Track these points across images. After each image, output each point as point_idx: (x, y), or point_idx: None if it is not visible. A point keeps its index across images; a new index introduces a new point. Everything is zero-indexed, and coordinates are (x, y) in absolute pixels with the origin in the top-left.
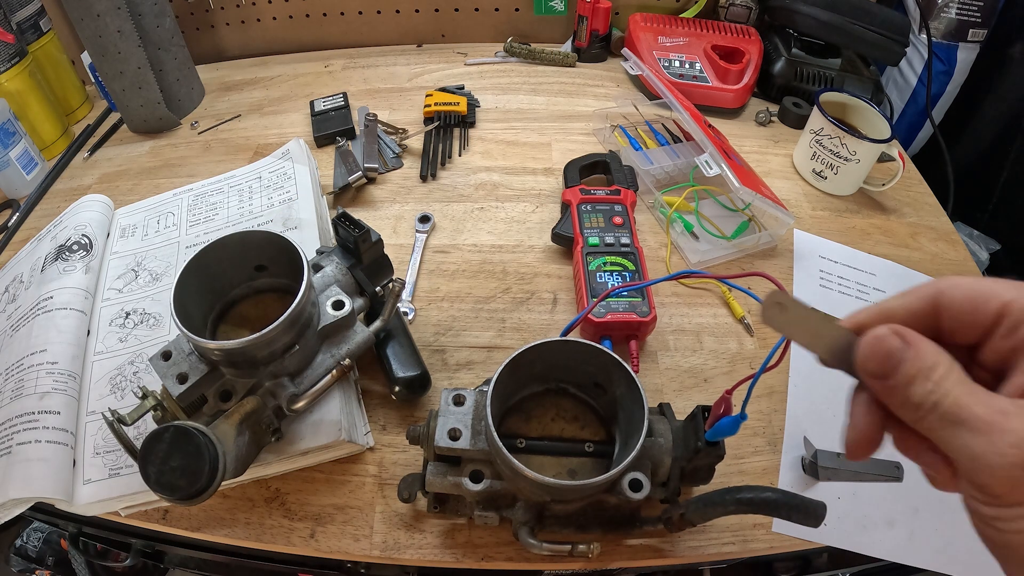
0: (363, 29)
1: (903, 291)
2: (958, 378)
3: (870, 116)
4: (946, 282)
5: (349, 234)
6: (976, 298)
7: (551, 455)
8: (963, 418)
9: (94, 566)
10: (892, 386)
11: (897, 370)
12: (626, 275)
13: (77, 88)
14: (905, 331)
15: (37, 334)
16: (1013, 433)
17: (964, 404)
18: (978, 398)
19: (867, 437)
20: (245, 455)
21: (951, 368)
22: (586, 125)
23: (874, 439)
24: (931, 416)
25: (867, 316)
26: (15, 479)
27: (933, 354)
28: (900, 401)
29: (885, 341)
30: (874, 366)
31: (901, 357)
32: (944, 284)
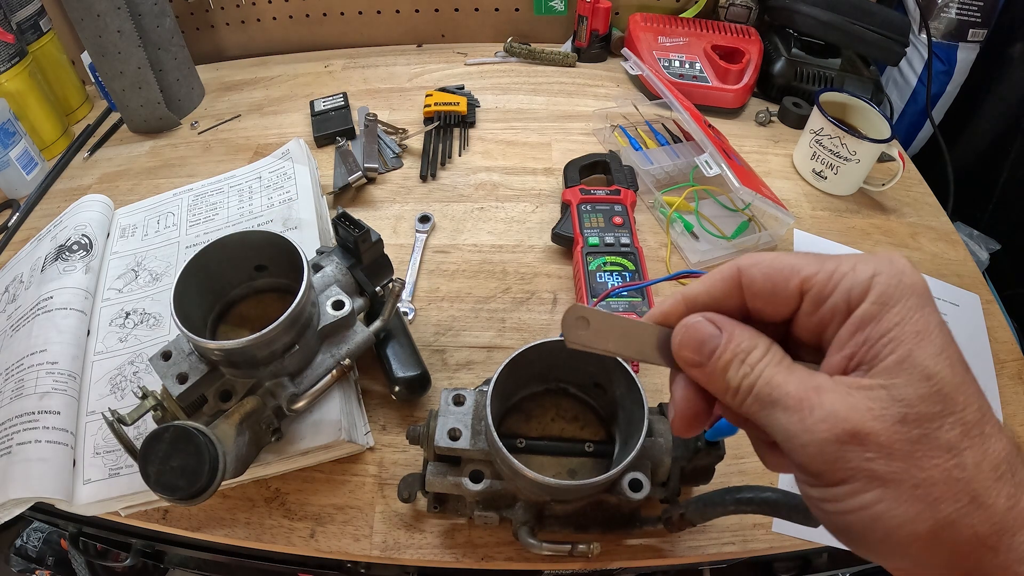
0: (363, 29)
1: (703, 276)
2: (775, 359)
3: (870, 116)
4: (746, 261)
5: (349, 234)
6: (775, 276)
7: (551, 455)
8: (776, 398)
9: (94, 566)
10: (709, 372)
11: (712, 356)
12: (626, 275)
13: (77, 88)
14: (717, 317)
15: (37, 334)
16: (822, 408)
17: (777, 383)
18: (794, 376)
19: (691, 416)
20: (245, 455)
21: (767, 350)
22: (586, 125)
23: (699, 416)
24: (748, 399)
25: (671, 306)
26: (15, 479)
27: (748, 338)
28: (719, 387)
29: (698, 328)
30: (689, 354)
31: (715, 343)
32: (744, 263)
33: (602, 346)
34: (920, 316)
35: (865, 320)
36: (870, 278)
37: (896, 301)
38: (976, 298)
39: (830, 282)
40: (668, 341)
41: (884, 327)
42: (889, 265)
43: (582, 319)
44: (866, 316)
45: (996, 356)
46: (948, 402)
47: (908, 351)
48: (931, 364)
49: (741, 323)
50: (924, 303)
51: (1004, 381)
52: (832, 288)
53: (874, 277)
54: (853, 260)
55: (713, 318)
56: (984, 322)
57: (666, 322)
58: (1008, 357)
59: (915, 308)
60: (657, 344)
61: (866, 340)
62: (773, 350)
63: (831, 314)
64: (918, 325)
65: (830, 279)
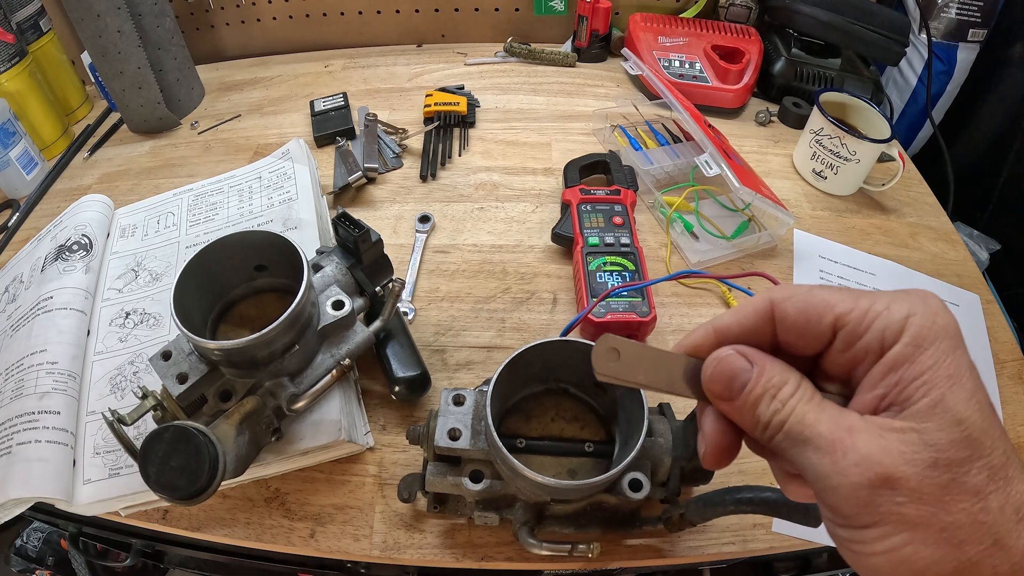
0: (363, 29)
1: (735, 307)
2: (806, 396)
3: (870, 116)
4: (779, 294)
5: (349, 234)
6: (809, 312)
7: (551, 455)
8: (808, 437)
9: (94, 566)
10: (739, 406)
11: (743, 390)
12: (626, 275)
13: (77, 88)
14: (749, 351)
15: (37, 334)
16: (856, 451)
17: (809, 423)
18: (825, 415)
19: (721, 450)
20: (245, 455)
21: (799, 386)
22: (586, 125)
23: (729, 449)
24: (778, 435)
25: (701, 337)
26: (15, 479)
27: (780, 373)
28: (749, 421)
29: (729, 362)
30: (719, 388)
31: (746, 377)
32: (777, 296)
33: (632, 378)
34: (952, 360)
35: (899, 362)
36: (904, 319)
37: (930, 344)
38: (976, 298)
39: (864, 320)
40: (698, 373)
41: (917, 370)
42: (923, 306)
43: (613, 350)
44: (900, 358)
45: (996, 356)
46: (976, 447)
47: (941, 395)
48: (962, 409)
49: (772, 357)
50: (956, 345)
51: (1004, 381)
52: (866, 327)
53: (908, 318)
54: (888, 299)
55: (744, 351)
56: (984, 322)
57: (697, 353)
58: (1008, 357)
59: (948, 351)
60: (686, 376)
61: (899, 381)
62: (804, 386)
63: (864, 353)
64: (951, 369)
65: (864, 317)
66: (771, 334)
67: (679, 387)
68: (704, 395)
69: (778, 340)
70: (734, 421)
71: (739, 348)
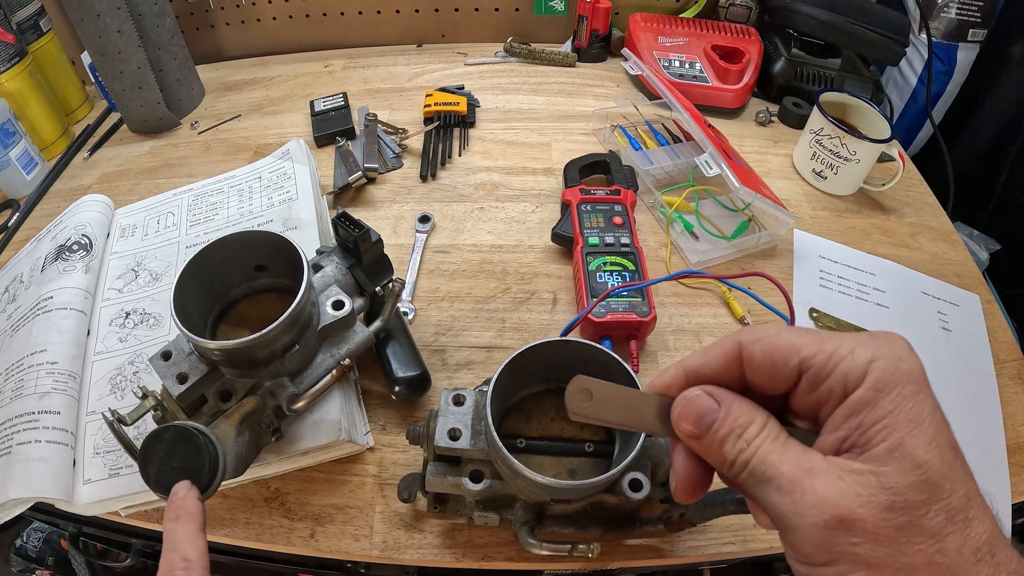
0: (363, 29)
1: (704, 347)
2: (771, 435)
3: (870, 116)
4: (746, 335)
5: (349, 234)
6: (775, 354)
7: (551, 455)
8: (770, 476)
9: (94, 566)
10: (706, 444)
11: (709, 429)
12: (626, 275)
13: (77, 88)
14: (717, 391)
15: (37, 334)
16: (814, 493)
17: (772, 463)
18: (788, 455)
19: (692, 483)
20: (245, 455)
21: (764, 426)
22: (586, 125)
23: (700, 483)
24: (743, 474)
25: (671, 377)
26: (15, 479)
27: (746, 413)
28: (716, 459)
29: (696, 402)
30: (687, 426)
31: (712, 417)
32: (745, 339)
33: (604, 417)
34: (914, 404)
35: (860, 405)
36: (867, 363)
37: (891, 388)
38: (976, 298)
39: (828, 364)
40: (669, 412)
41: (878, 414)
42: (888, 350)
43: (585, 391)
44: (861, 401)
45: (996, 356)
46: (935, 490)
47: (900, 439)
48: (921, 453)
49: (740, 397)
50: (919, 390)
51: (1004, 381)
52: (830, 370)
53: (872, 362)
54: (852, 342)
55: (712, 391)
56: (984, 322)
57: (667, 392)
58: (1008, 357)
59: (909, 396)
60: (658, 415)
61: (860, 425)
62: (770, 426)
63: (827, 395)
64: (911, 413)
65: (828, 361)
66: (740, 374)
67: (651, 426)
68: (674, 433)
69: (747, 381)
70: (703, 458)
71: (707, 388)
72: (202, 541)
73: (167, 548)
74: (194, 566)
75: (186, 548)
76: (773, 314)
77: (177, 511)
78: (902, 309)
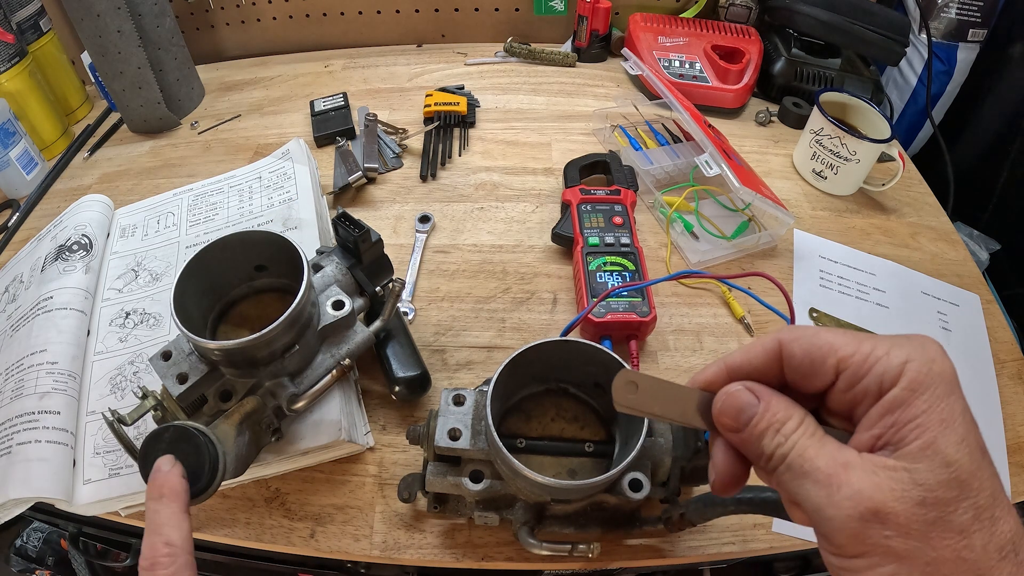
0: (363, 29)
1: (746, 345)
2: (808, 431)
3: (870, 116)
4: (787, 335)
5: (349, 234)
6: (814, 353)
7: (551, 455)
8: (807, 470)
9: (94, 566)
10: (745, 438)
11: (749, 423)
12: (626, 275)
13: (77, 88)
14: (757, 387)
15: (37, 334)
16: (849, 486)
17: (809, 457)
18: (825, 450)
19: (731, 476)
20: (245, 455)
21: (801, 422)
22: (586, 125)
23: (738, 477)
24: (780, 467)
25: (713, 373)
26: (15, 479)
27: (785, 409)
28: (754, 452)
29: (737, 397)
30: (728, 420)
31: (752, 412)
32: (785, 337)
33: (648, 409)
34: (946, 404)
35: (894, 404)
36: (902, 364)
37: (925, 389)
38: (976, 298)
39: (865, 364)
40: (710, 406)
41: (912, 413)
42: (921, 352)
43: (631, 383)
44: (896, 401)
45: (996, 356)
46: (964, 488)
47: (932, 438)
48: (952, 452)
49: (778, 393)
50: (951, 391)
51: (1004, 381)
52: (867, 370)
53: (906, 364)
54: (888, 344)
55: (752, 387)
56: (984, 322)
57: (709, 388)
58: (1008, 357)
59: (942, 396)
60: (699, 408)
61: (894, 423)
62: (807, 422)
63: (863, 394)
64: (943, 413)
65: (865, 361)
66: (779, 372)
67: (692, 418)
68: (715, 426)
69: (786, 378)
70: (742, 452)
71: (748, 384)
72: (186, 523)
73: (149, 531)
74: (178, 551)
75: (169, 531)
76: (773, 314)
77: (160, 489)
78: (902, 309)
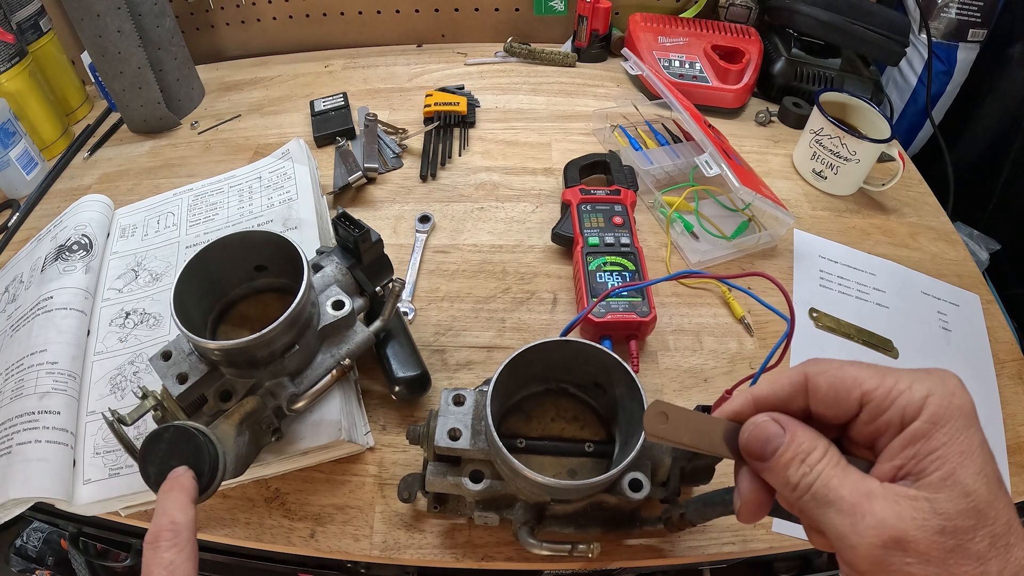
0: (363, 29)
1: (772, 377)
2: (832, 461)
3: (870, 116)
4: (813, 368)
5: (349, 234)
6: (839, 387)
7: (551, 455)
8: (831, 499)
9: (94, 566)
10: (771, 468)
11: (775, 453)
12: (626, 275)
13: (77, 88)
14: (783, 418)
15: (37, 334)
16: (873, 515)
17: (833, 486)
18: (848, 480)
19: (755, 504)
20: (245, 455)
21: (826, 452)
22: (586, 125)
23: (762, 505)
24: (805, 496)
25: (741, 404)
26: (15, 479)
27: (810, 439)
28: (780, 481)
29: (764, 428)
30: (755, 450)
31: (778, 442)
32: (811, 370)
33: (678, 438)
34: (965, 437)
35: (916, 437)
36: (924, 398)
37: (945, 422)
38: (976, 298)
39: (888, 397)
40: (737, 436)
41: (933, 445)
42: (942, 386)
43: (662, 414)
44: (917, 433)
45: (996, 356)
46: (981, 517)
47: (952, 469)
48: (971, 483)
49: (804, 424)
50: (970, 423)
51: (1004, 381)
52: (889, 403)
53: (928, 397)
54: (910, 378)
55: (778, 418)
56: (984, 322)
57: (737, 419)
58: (1008, 357)
59: (962, 429)
60: (726, 438)
61: (916, 455)
62: (831, 452)
63: (886, 426)
64: (963, 446)
65: (888, 395)
66: (804, 403)
67: (719, 448)
68: (741, 456)
69: (810, 409)
70: (767, 480)
71: (774, 415)
72: (191, 510)
73: (157, 515)
74: (181, 529)
75: (175, 513)
76: (773, 314)
77: (171, 485)
78: (902, 309)
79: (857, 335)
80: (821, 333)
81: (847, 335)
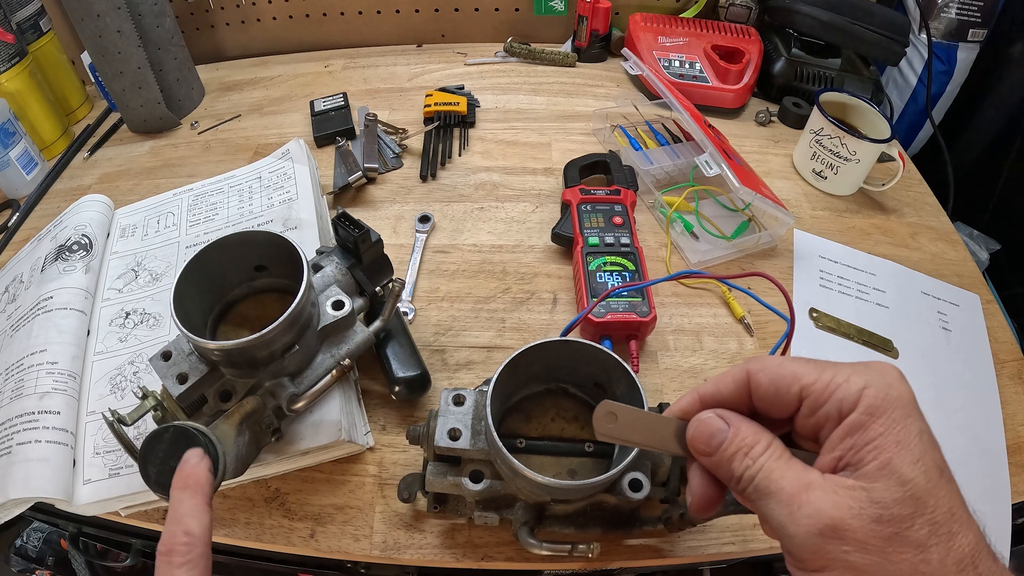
0: (363, 29)
1: (717, 376)
2: (775, 454)
3: (870, 116)
4: (755, 365)
5: (349, 234)
6: (779, 382)
7: (551, 455)
8: (772, 490)
9: (94, 566)
10: (717, 462)
11: (720, 447)
12: (626, 275)
13: (77, 88)
14: (727, 414)
15: (37, 334)
16: (811, 505)
17: (775, 478)
18: (790, 472)
19: (706, 500)
20: (245, 455)
21: (769, 445)
22: (586, 125)
23: (713, 500)
24: (749, 488)
25: (688, 402)
26: (15, 479)
27: (753, 433)
28: (725, 474)
29: (709, 423)
30: (700, 445)
31: (722, 436)
32: (753, 367)
33: (628, 437)
34: (902, 427)
35: (853, 428)
36: (860, 390)
37: (882, 413)
38: (976, 298)
39: (826, 391)
40: (685, 433)
41: (869, 436)
42: (879, 378)
43: (611, 414)
44: (854, 424)
45: (996, 356)
46: (919, 505)
47: (888, 459)
48: (908, 471)
49: (748, 419)
50: (907, 414)
51: (1004, 381)
52: (827, 397)
53: (864, 390)
54: (848, 371)
55: (723, 414)
56: (984, 322)
57: (684, 416)
58: (1008, 357)
59: (899, 420)
60: (676, 436)
61: (853, 446)
62: (774, 445)
63: (825, 419)
64: (899, 435)
65: (826, 388)
66: (749, 400)
67: (670, 446)
68: (690, 452)
69: (755, 405)
70: (715, 475)
71: (719, 411)
72: (207, 516)
73: (171, 519)
74: (196, 542)
75: (190, 521)
76: (773, 314)
77: (186, 479)
78: (902, 309)
79: (857, 335)
80: (821, 333)
81: (847, 335)
